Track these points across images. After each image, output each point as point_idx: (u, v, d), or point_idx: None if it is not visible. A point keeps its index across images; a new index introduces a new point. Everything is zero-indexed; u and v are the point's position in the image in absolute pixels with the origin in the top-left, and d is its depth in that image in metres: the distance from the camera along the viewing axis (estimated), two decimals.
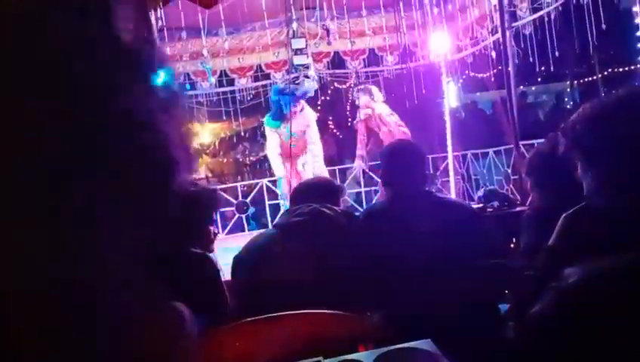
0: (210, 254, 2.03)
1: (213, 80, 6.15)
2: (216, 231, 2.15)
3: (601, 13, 4.40)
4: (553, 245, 1.26)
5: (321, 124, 6.82)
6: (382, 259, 2.02)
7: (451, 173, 6.18)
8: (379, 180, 4.93)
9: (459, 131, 6.98)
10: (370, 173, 6.45)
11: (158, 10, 3.93)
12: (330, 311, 1.74)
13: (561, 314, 0.99)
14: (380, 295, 2.07)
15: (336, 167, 6.96)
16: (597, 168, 1.09)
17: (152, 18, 3.77)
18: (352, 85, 6.45)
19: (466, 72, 6.44)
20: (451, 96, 6.50)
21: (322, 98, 8.73)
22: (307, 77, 5.52)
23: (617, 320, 0.95)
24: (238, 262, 2.10)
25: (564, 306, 0.99)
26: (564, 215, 1.37)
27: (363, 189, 6.87)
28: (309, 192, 2.28)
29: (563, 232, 1.29)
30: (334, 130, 9.88)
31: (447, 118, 6.23)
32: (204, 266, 1.90)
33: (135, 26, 0.39)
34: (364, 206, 6.46)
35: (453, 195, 6.05)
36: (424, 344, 1.37)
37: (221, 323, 1.82)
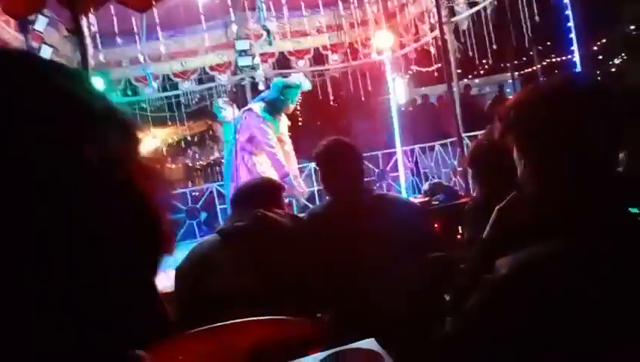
0: None
1: (155, 85, 6.00)
2: None
3: (534, 6, 4.56)
4: (486, 237, 1.28)
5: None
6: (328, 259, 2.01)
7: (401, 167, 6.26)
8: None
9: (408, 126, 7.08)
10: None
11: (90, 15, 3.80)
12: (276, 317, 1.71)
13: (493, 306, 1.00)
14: (328, 296, 2.06)
15: None
16: (527, 154, 1.10)
17: (84, 23, 3.63)
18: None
19: (411, 67, 6.54)
20: (399, 92, 6.59)
21: None
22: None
23: (548, 310, 0.96)
24: (180, 271, 2.04)
25: (495, 299, 1.00)
26: (497, 207, 1.39)
27: (316, 188, 6.85)
28: (250, 195, 2.23)
29: (496, 224, 1.30)
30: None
31: (394, 113, 6.31)
32: None
33: None
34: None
35: (403, 190, 6.14)
36: (368, 343, 1.37)
37: (163, 336, 1.76)
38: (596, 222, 1.00)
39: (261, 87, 6.21)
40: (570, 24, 4.56)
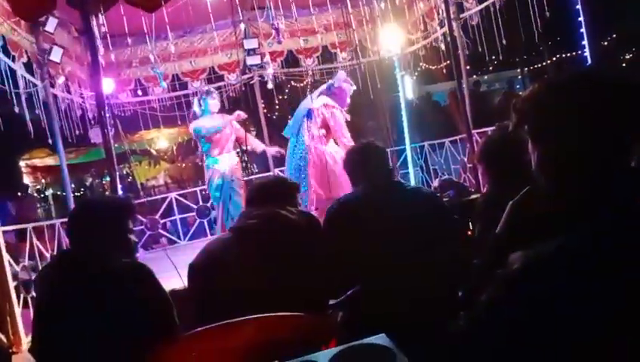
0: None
1: (164, 84, 6.04)
2: (135, 240, 2.07)
3: (544, 1, 4.52)
4: (500, 233, 1.27)
5: (284, 122, 6.74)
6: (355, 247, 2.05)
7: (410, 164, 6.26)
8: None
9: (416, 123, 7.06)
10: None
11: (100, 16, 3.82)
12: (289, 314, 1.72)
13: (506, 302, 1.00)
14: (347, 288, 2.08)
15: None
16: (541, 146, 1.10)
17: (94, 24, 3.65)
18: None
19: (420, 64, 6.52)
20: (407, 89, 6.57)
21: (280, 97, 8.69)
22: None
23: (560, 305, 0.96)
24: (194, 268, 2.06)
25: (508, 294, 1.00)
26: (511, 202, 1.38)
27: None
28: (264, 193, 2.24)
29: (510, 219, 1.30)
30: None
31: (403, 111, 6.30)
32: (139, 272, 1.84)
33: None
34: None
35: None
36: (379, 339, 1.37)
37: (176, 331, 1.78)
38: (611, 215, 1.00)
39: (270, 85, 6.23)
40: (581, 19, 4.52)
